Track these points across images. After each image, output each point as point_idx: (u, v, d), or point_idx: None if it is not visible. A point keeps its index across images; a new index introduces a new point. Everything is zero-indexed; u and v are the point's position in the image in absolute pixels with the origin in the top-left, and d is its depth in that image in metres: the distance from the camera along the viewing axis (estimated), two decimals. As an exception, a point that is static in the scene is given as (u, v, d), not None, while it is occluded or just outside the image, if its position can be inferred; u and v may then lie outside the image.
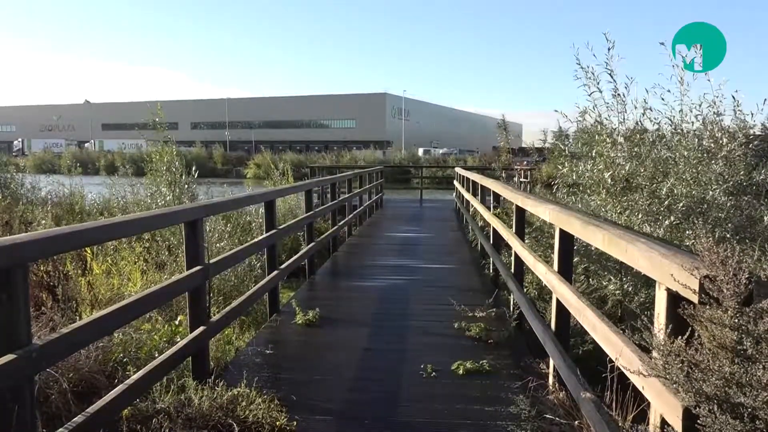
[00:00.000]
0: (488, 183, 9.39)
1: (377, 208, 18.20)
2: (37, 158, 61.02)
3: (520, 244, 5.60)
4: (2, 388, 2.32)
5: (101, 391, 4.07)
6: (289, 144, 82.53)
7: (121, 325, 3.86)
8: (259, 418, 3.68)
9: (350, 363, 4.97)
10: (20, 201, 13.39)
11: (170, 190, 10.10)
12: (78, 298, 6.14)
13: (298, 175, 16.30)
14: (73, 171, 18.12)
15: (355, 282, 8.23)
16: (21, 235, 2.68)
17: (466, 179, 13.93)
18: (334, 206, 10.44)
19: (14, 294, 2.42)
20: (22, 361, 2.39)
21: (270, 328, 5.99)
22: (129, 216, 4.00)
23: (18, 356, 2.37)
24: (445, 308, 6.48)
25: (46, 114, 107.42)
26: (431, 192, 28.79)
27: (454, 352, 5.06)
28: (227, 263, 5.38)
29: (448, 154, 66.00)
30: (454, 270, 9.10)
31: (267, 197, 6.47)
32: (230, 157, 65.46)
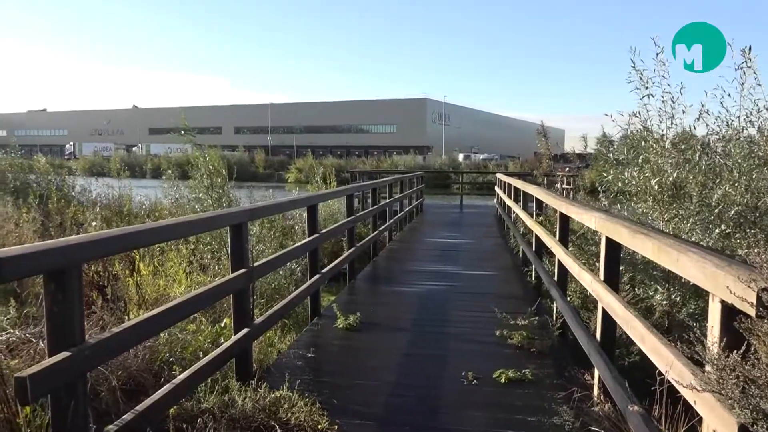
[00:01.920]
0: (530, 189, 9.28)
1: (417, 213, 18.18)
2: (88, 161, 62.87)
3: (563, 251, 5.52)
4: (57, 384, 2.40)
5: (148, 389, 4.17)
6: (329, 149, 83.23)
7: (169, 325, 3.95)
8: (301, 421, 3.71)
9: (390, 368, 4.97)
10: (71, 203, 13.84)
11: (208, 194, 10.27)
12: (126, 298, 6.30)
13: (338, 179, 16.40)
14: (122, 174, 18.63)
15: (395, 287, 8.23)
16: (75, 236, 2.77)
17: (507, 185, 13.80)
18: (375, 211, 10.46)
19: (69, 293, 2.50)
20: (75, 358, 2.46)
21: (311, 331, 6.04)
22: (176, 219, 4.10)
23: (72, 354, 2.45)
24: (486, 315, 6.42)
25: (96, 119, 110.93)
26: (471, 198, 28.59)
27: (496, 360, 5.00)
28: (270, 266, 5.45)
29: (488, 159, 65.53)
30: (495, 277, 9.01)
31: (309, 201, 6.52)
32: (272, 162, 66.36)
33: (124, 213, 13.04)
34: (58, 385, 2.41)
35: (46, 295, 2.47)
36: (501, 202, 16.31)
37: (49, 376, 2.32)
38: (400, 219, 14.18)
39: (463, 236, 13.89)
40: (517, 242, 10.81)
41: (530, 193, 9.25)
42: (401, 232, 14.14)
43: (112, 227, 9.95)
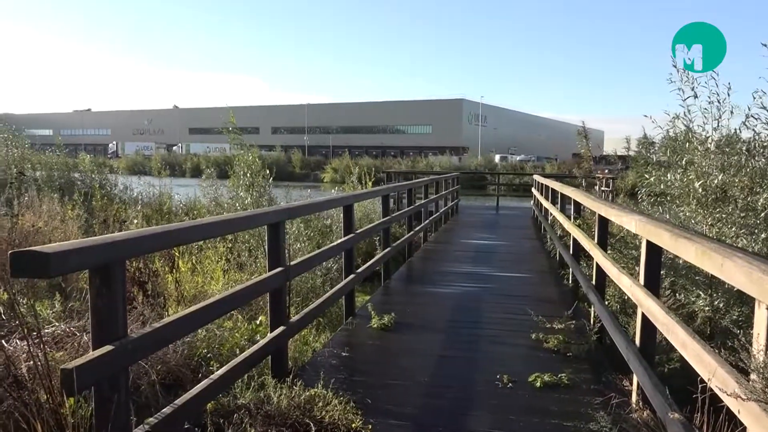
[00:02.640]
0: (568, 191, 9.15)
1: (453, 214, 18.10)
2: (130, 160, 64.42)
3: (602, 255, 5.42)
4: (101, 376, 2.47)
5: (186, 384, 4.25)
6: (365, 149, 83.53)
7: (208, 321, 4.02)
8: (335, 420, 3.74)
9: (424, 369, 4.96)
10: (114, 200, 14.19)
11: (249, 193, 10.41)
12: (165, 294, 6.43)
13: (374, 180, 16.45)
14: (162, 173, 19.04)
15: (429, 288, 8.22)
16: (119, 233, 2.84)
17: (544, 187, 13.64)
18: (411, 212, 10.45)
19: (113, 288, 2.56)
20: (118, 352, 2.53)
21: (346, 330, 6.07)
22: (216, 217, 4.16)
23: (115, 347, 2.51)
24: (522, 318, 6.37)
25: (138, 118, 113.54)
26: (508, 199, 28.35)
27: (531, 364, 4.95)
28: (307, 265, 5.50)
29: (525, 160, 64.83)
30: (530, 279, 8.92)
31: (345, 201, 6.56)
32: (308, 162, 66.92)
33: (164, 211, 13.31)
34: (102, 378, 2.48)
35: (91, 289, 2.54)
36: (538, 203, 16.12)
37: (94, 368, 2.38)
38: (435, 220, 14.14)
39: (499, 238, 13.77)
40: (553, 244, 10.68)
41: (568, 195, 9.12)
42: (436, 233, 14.10)
43: (152, 224, 10.18)
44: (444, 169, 42.80)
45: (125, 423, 2.62)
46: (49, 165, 16.34)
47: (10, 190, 10.28)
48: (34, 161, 16.54)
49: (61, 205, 9.83)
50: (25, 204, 8.99)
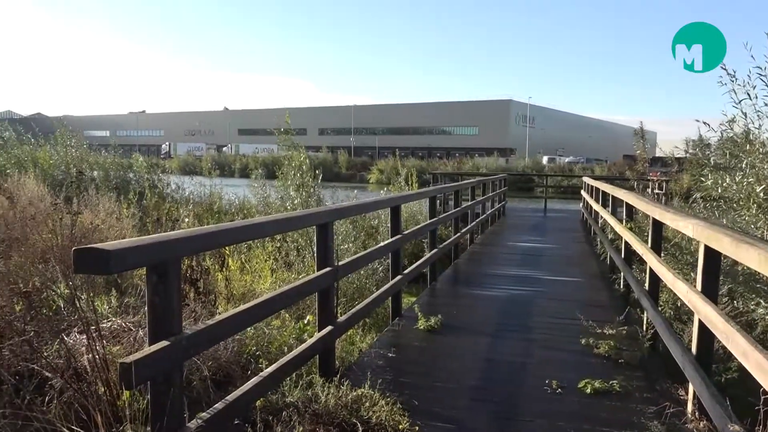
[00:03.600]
0: (620, 194, 8.93)
1: (500, 216, 17.91)
2: (181, 161, 66.00)
3: (656, 259, 5.27)
4: (157, 371, 2.53)
5: (236, 380, 4.33)
6: (411, 150, 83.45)
7: (258, 320, 4.08)
8: (382, 420, 3.74)
9: (472, 372, 4.92)
10: (166, 200, 14.57)
11: (298, 193, 10.54)
12: (216, 292, 6.56)
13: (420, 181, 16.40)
14: (212, 173, 19.43)
15: (476, 290, 8.15)
16: (175, 232, 2.92)
17: (595, 189, 13.35)
18: (458, 213, 10.39)
19: (169, 285, 2.63)
20: (174, 348, 2.59)
21: (392, 331, 6.08)
22: (267, 217, 4.23)
23: (171, 343, 2.58)
24: (571, 323, 6.25)
25: (189, 120, 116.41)
26: (556, 201, 27.85)
27: (581, 370, 4.85)
28: (355, 266, 5.53)
29: (574, 162, 63.64)
30: (580, 283, 8.74)
31: (393, 202, 6.57)
32: (354, 162, 67.28)
33: (215, 210, 13.59)
34: (158, 372, 2.55)
35: (149, 286, 2.61)
36: (587, 206, 15.80)
37: (150, 363, 2.45)
38: (482, 222, 14.02)
39: (547, 241, 13.55)
40: (604, 248, 10.45)
41: (620, 197, 8.90)
42: (483, 235, 13.98)
43: (203, 224, 10.41)
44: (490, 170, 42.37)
45: (179, 417, 2.68)
46: (106, 165, 16.92)
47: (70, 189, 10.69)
48: (92, 161, 17.16)
49: (116, 203, 10.16)
50: (84, 202, 9.32)
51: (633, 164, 16.09)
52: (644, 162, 14.34)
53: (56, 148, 17.14)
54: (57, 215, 5.12)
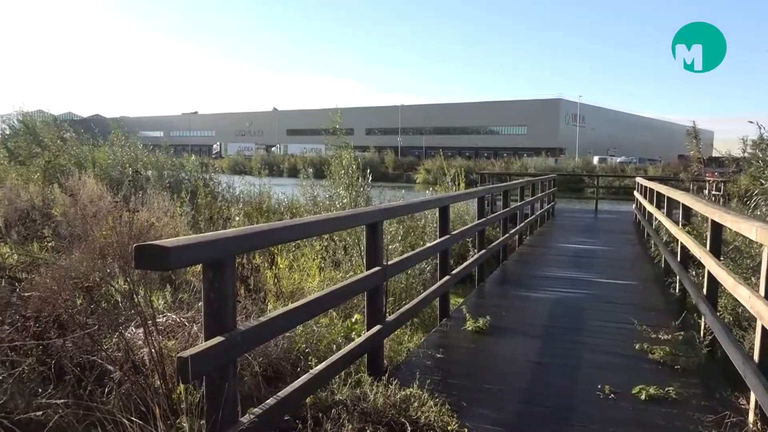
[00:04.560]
0: (676, 195, 8.66)
1: (549, 217, 17.62)
2: (231, 160, 67.43)
3: (715, 263, 5.09)
4: (212, 366, 2.59)
5: (286, 377, 4.39)
6: (458, 150, 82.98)
7: (309, 317, 4.13)
8: (431, 421, 3.73)
9: (521, 375, 4.86)
10: (217, 198, 14.89)
11: (348, 192, 10.61)
12: (266, 290, 6.67)
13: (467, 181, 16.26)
14: (261, 173, 19.77)
15: (524, 292, 8.03)
16: (231, 230, 2.98)
17: (649, 190, 13.00)
18: (506, 214, 10.27)
19: (224, 282, 2.69)
20: (228, 343, 2.65)
21: (440, 332, 6.05)
22: (318, 216, 4.28)
23: (225, 339, 2.63)
24: (624, 327, 6.10)
25: (239, 120, 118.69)
26: (607, 202, 27.24)
27: (635, 375, 4.73)
28: (403, 265, 5.53)
29: (626, 162, 62.08)
30: (633, 287, 8.51)
31: (441, 202, 6.54)
32: (401, 162, 67.32)
33: (263, 209, 13.81)
34: (213, 367, 2.60)
35: (205, 283, 2.67)
36: (641, 207, 15.39)
37: (206, 358, 2.51)
38: (531, 222, 13.82)
39: (598, 242, 13.25)
40: (658, 251, 10.16)
41: (676, 198, 8.63)
42: (532, 236, 13.78)
43: (253, 222, 10.60)
44: (539, 170, 41.76)
45: (233, 411, 2.74)
46: (160, 165, 17.42)
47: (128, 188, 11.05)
48: (146, 161, 17.70)
49: (170, 202, 10.44)
50: (140, 201, 9.61)
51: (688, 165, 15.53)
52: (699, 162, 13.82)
53: (113, 148, 17.75)
54: (117, 213, 5.29)
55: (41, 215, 9.58)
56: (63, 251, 6.91)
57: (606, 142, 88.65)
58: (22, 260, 6.58)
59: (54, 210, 9.88)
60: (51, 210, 9.97)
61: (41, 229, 8.35)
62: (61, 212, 9.48)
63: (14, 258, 7.02)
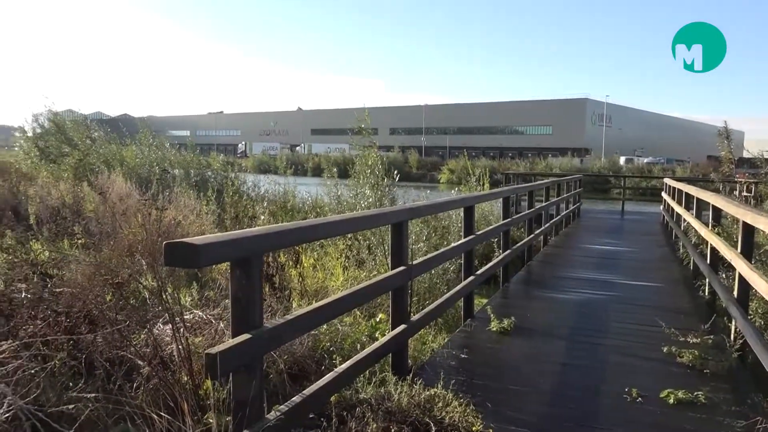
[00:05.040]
0: (706, 196, 8.51)
1: (574, 218, 17.44)
2: (256, 159, 67.90)
3: (746, 266, 4.99)
4: (240, 363, 2.61)
5: (310, 375, 4.42)
6: (482, 150, 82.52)
7: (335, 316, 4.15)
8: (455, 421, 3.72)
9: (546, 376, 4.82)
10: (242, 197, 15.02)
11: (373, 192, 10.62)
12: (291, 288, 6.71)
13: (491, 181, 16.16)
14: (286, 172, 19.90)
15: (549, 293, 7.96)
16: (259, 228, 3.01)
17: (677, 191, 12.80)
18: (531, 214, 10.19)
19: (251, 280, 2.71)
20: (255, 340, 2.67)
21: (464, 332, 6.03)
22: (344, 216, 4.29)
23: (253, 336, 2.65)
24: (651, 329, 6.02)
25: (264, 120, 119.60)
26: (634, 203, 26.86)
27: (663, 379, 4.66)
28: (428, 265, 5.52)
29: (653, 163, 61.13)
30: (660, 289, 8.38)
31: (466, 202, 6.51)
32: (425, 162, 67.22)
33: (288, 208, 13.89)
34: (240, 364, 2.62)
35: (232, 280, 2.70)
36: (668, 209, 15.16)
37: (234, 355, 2.53)
38: (556, 223, 13.69)
39: (625, 244, 13.07)
40: (686, 253, 10.00)
41: (705, 200, 8.49)
42: (557, 236, 13.65)
43: (278, 221, 10.67)
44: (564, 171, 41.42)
45: (259, 408, 2.76)
46: (186, 163, 17.63)
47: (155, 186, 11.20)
48: (173, 160, 17.93)
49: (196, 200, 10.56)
50: (167, 199, 9.74)
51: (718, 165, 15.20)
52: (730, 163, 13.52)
53: (141, 147, 18.02)
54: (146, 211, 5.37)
55: (71, 213, 9.76)
56: (92, 248, 7.03)
57: (633, 143, 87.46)
58: (53, 257, 6.71)
59: (84, 207, 10.06)
60: (81, 207, 10.16)
61: (71, 226, 8.51)
62: (91, 210, 9.66)
63: (45, 254, 7.17)
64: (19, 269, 5.21)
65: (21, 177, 14.31)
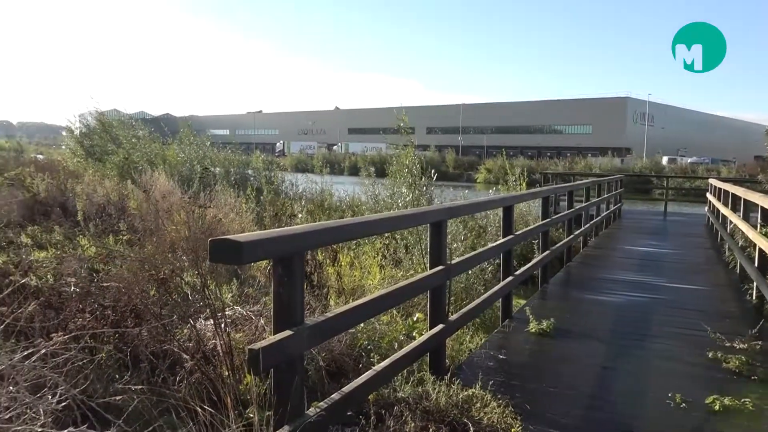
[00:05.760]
0: (755, 197, 8.25)
1: (615, 219, 17.12)
2: (294, 158, 68.65)
3: (798, 269, 4.83)
4: (282, 359, 2.64)
5: (348, 372, 4.44)
6: (520, 149, 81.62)
7: (374, 314, 4.16)
8: (494, 422, 3.70)
9: (586, 379, 4.75)
10: (280, 195, 15.20)
11: (410, 191, 10.62)
12: (328, 286, 6.76)
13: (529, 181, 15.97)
14: (323, 171, 20.04)
15: (589, 295, 7.84)
16: (301, 226, 3.03)
17: (723, 192, 12.44)
18: (571, 215, 10.05)
19: (293, 277, 2.74)
20: (297, 337, 2.70)
21: (502, 333, 5.98)
22: (384, 214, 4.30)
23: (294, 333, 2.68)
24: (695, 334, 5.88)
25: (302, 119, 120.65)
26: (677, 204, 26.25)
27: (708, 385, 4.54)
28: (466, 265, 5.49)
29: (697, 163, 59.54)
30: (705, 292, 8.17)
31: (505, 202, 6.46)
32: (461, 162, 66.82)
33: (325, 207, 14.00)
34: (282, 360, 2.66)
35: (275, 278, 2.73)
36: (714, 210, 14.76)
37: (276, 351, 2.56)
38: (596, 224, 13.46)
39: (668, 246, 12.77)
40: (732, 255, 9.72)
41: (753, 201, 8.23)
42: (597, 237, 13.42)
43: (315, 220, 10.76)
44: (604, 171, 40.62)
45: (300, 404, 2.79)
46: (227, 162, 17.91)
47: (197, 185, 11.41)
48: (214, 159, 18.23)
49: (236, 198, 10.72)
50: (209, 197, 9.91)
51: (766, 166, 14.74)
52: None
53: (182, 146, 18.37)
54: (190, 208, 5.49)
55: (116, 210, 10.03)
56: (136, 244, 7.21)
57: (676, 142, 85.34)
58: (99, 252, 6.91)
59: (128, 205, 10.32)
60: (125, 205, 10.42)
61: (117, 222, 8.75)
62: (135, 207, 9.90)
63: (92, 250, 7.39)
64: (67, 264, 5.39)
65: (68, 175, 14.75)
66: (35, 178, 12.33)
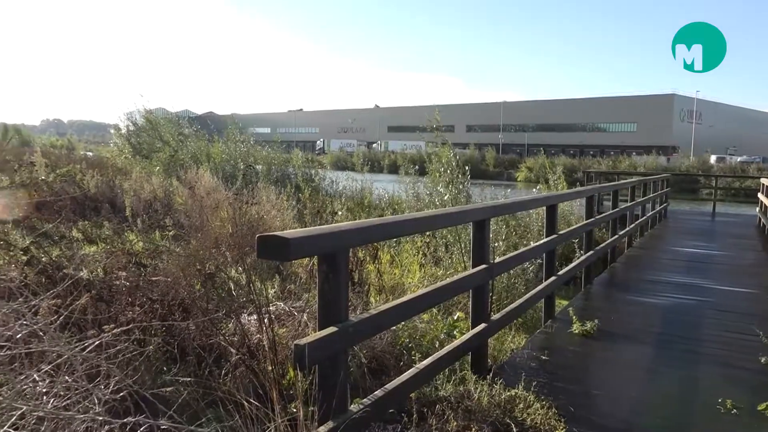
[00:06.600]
0: (810, 198, 7.95)
1: (661, 219, 16.71)
2: (334, 156, 69.13)
3: None
4: (326, 355, 2.67)
5: (389, 370, 4.45)
6: (561, 147, 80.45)
7: (416, 312, 4.16)
8: (537, 424, 3.66)
9: (632, 382, 4.65)
10: (320, 193, 15.32)
11: (448, 189, 10.58)
12: (369, 283, 6.79)
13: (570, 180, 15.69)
14: (363, 169, 20.12)
15: (634, 296, 7.67)
16: (345, 223, 3.06)
17: (776, 192, 12.02)
18: (615, 215, 9.85)
19: (337, 274, 2.76)
20: (341, 334, 2.72)
21: (545, 333, 5.91)
22: (426, 212, 4.29)
23: (338, 329, 2.70)
24: (747, 338, 5.70)
25: (342, 117, 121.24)
26: (726, 205, 25.46)
27: (760, 391, 4.40)
28: (510, 264, 5.44)
29: (748, 162, 57.66)
30: (756, 296, 7.90)
31: (549, 201, 6.37)
32: (501, 160, 66.24)
33: (365, 204, 14.05)
34: (326, 356, 2.68)
35: (320, 274, 2.76)
36: (766, 211, 14.27)
37: (321, 347, 2.59)
38: (642, 224, 13.16)
39: (716, 247, 12.39)
40: (787, 258, 9.37)
41: (809, 202, 7.93)
42: (642, 238, 13.12)
43: (355, 217, 10.81)
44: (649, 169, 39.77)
45: (343, 400, 2.81)
46: (269, 159, 18.14)
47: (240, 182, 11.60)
48: (257, 156, 18.50)
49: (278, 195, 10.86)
50: (251, 194, 10.06)
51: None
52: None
53: (227, 144, 18.70)
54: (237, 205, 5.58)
55: (163, 206, 10.27)
56: (182, 240, 7.37)
57: (725, 140, 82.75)
58: (146, 247, 7.08)
59: (174, 201, 10.55)
60: (171, 201, 10.66)
61: (163, 218, 8.95)
62: (180, 203, 10.11)
63: (140, 245, 7.58)
64: (116, 258, 5.54)
65: (116, 172, 15.17)
66: (86, 175, 12.72)
